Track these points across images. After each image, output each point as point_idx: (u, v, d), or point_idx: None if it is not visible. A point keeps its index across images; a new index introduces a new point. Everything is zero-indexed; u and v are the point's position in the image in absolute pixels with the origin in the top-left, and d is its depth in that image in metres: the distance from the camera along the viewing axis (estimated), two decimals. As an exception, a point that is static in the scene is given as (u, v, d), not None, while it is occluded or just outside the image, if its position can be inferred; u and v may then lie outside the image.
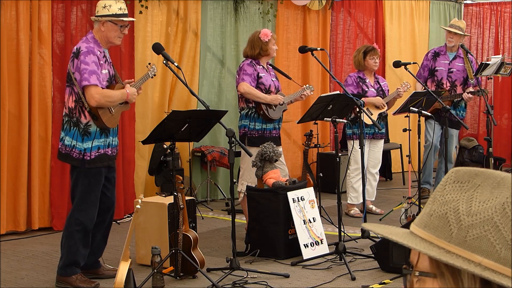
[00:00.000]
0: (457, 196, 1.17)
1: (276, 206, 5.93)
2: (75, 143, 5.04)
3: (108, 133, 5.16)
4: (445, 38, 8.24)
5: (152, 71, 5.35)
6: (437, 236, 1.16)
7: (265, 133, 6.36)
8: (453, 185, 1.18)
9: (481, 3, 11.66)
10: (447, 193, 1.18)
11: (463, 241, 1.13)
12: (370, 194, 7.69)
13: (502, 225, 1.12)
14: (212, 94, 8.59)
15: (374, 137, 7.56)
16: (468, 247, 1.13)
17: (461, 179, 1.18)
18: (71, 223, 5.11)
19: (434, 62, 8.18)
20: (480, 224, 1.12)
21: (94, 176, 5.08)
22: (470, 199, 1.15)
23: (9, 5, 6.64)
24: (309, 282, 5.24)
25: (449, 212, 1.15)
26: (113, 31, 5.10)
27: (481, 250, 1.12)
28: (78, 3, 7.17)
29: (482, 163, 10.45)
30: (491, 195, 1.14)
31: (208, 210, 8.00)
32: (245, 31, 8.66)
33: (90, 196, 5.08)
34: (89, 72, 4.92)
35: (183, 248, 5.20)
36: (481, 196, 1.15)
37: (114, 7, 5.08)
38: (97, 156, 5.08)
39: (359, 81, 7.49)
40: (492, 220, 1.12)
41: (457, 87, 8.05)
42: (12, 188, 6.73)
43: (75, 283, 5.09)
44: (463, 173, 1.19)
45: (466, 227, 1.13)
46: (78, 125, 5.04)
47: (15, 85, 6.69)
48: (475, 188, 1.16)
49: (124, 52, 7.52)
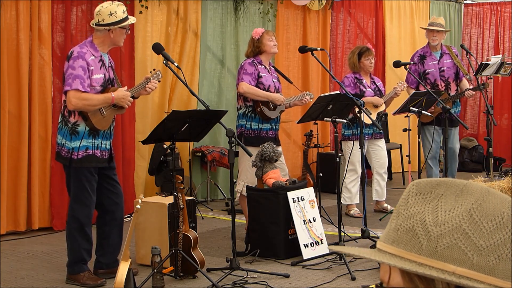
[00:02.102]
0: (421, 208, 1.15)
1: (276, 206, 5.93)
2: (64, 142, 5.12)
3: (97, 135, 5.17)
4: (427, 37, 8.05)
5: (156, 76, 5.34)
6: (407, 250, 1.14)
7: (261, 133, 6.35)
8: (416, 198, 1.17)
9: (481, 3, 11.66)
10: (411, 206, 1.16)
11: (434, 251, 1.12)
12: (380, 194, 7.71)
13: (471, 231, 1.11)
14: (212, 94, 8.59)
15: (373, 137, 7.56)
16: (439, 257, 1.11)
17: (423, 190, 1.17)
18: (69, 221, 5.25)
19: (423, 65, 8.02)
20: (449, 233, 1.11)
21: (83, 174, 5.13)
22: (435, 209, 1.14)
23: (9, 5, 6.64)
24: (309, 282, 5.24)
25: (416, 225, 1.14)
26: (121, 35, 5.19)
27: (453, 259, 1.11)
28: (79, 4, 7.17)
29: (482, 163, 10.46)
30: (455, 203, 1.13)
31: (208, 210, 8.00)
32: (245, 31, 8.66)
33: (83, 193, 5.14)
34: (73, 77, 4.99)
35: (183, 248, 5.20)
36: (446, 205, 1.14)
37: (119, 13, 5.12)
38: (84, 157, 5.11)
39: (356, 82, 7.49)
40: (461, 227, 1.11)
41: (450, 84, 7.98)
42: (12, 188, 6.73)
43: (82, 280, 5.20)
44: (424, 185, 1.17)
45: (435, 237, 1.12)
46: (67, 124, 5.12)
47: (15, 85, 6.70)
48: (439, 198, 1.15)
49: (124, 52, 7.52)
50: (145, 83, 5.28)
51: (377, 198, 7.74)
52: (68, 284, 5.25)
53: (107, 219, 5.32)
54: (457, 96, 8.00)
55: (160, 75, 5.40)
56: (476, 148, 10.88)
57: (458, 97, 8.02)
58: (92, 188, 5.17)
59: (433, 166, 7.99)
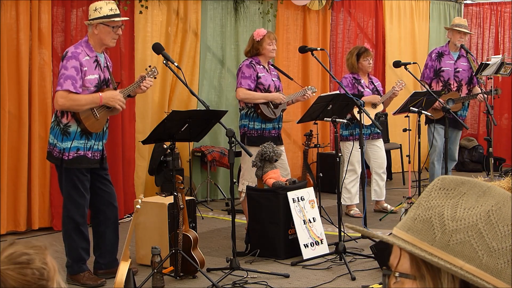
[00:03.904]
0: (442, 202, 1.17)
1: (276, 206, 5.93)
2: (56, 142, 5.12)
3: (90, 136, 5.16)
4: (452, 38, 8.00)
5: (151, 73, 5.30)
6: (420, 239, 1.17)
7: (264, 132, 6.36)
8: (439, 192, 1.19)
9: (481, 3, 11.66)
10: (433, 199, 1.19)
11: (446, 245, 1.14)
12: (379, 194, 7.71)
13: (486, 232, 1.13)
14: (212, 94, 8.59)
15: (371, 137, 7.56)
16: (450, 251, 1.14)
17: (447, 186, 1.19)
18: (64, 221, 5.27)
19: (439, 62, 8.04)
20: (464, 229, 1.13)
21: (75, 174, 5.13)
22: (455, 205, 1.16)
23: (9, 5, 6.64)
24: (309, 282, 5.24)
25: (434, 217, 1.16)
26: (106, 33, 5.10)
27: (463, 255, 1.13)
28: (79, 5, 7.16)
29: (482, 163, 10.45)
30: (476, 203, 1.15)
31: (208, 210, 8.00)
32: (245, 31, 8.66)
33: (76, 192, 5.14)
34: (65, 77, 4.98)
35: (183, 248, 5.20)
36: (466, 204, 1.16)
37: (105, 9, 5.06)
38: (75, 157, 5.11)
39: (354, 82, 7.48)
40: (476, 226, 1.13)
41: (463, 86, 7.99)
42: (12, 188, 6.73)
43: (82, 280, 5.22)
44: (449, 181, 1.20)
45: (450, 231, 1.14)
46: (59, 125, 5.12)
47: (15, 85, 6.69)
48: (461, 196, 1.17)
49: (124, 52, 7.52)
50: (140, 81, 5.25)
51: (376, 198, 7.74)
52: (68, 284, 5.26)
53: (101, 219, 5.32)
54: (468, 98, 7.98)
55: (156, 72, 5.36)
56: (476, 148, 10.88)
57: (469, 99, 8.01)
58: (84, 187, 5.17)
59: (437, 165, 8.00)
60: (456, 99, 7.87)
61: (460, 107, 7.97)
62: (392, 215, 7.43)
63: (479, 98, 7.95)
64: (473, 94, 7.98)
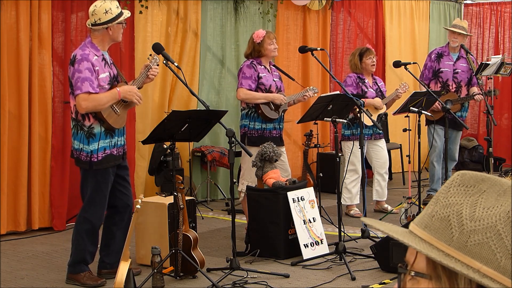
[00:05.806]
0: (461, 199, 1.14)
1: (276, 206, 5.93)
2: (82, 146, 5.12)
3: (114, 134, 5.20)
4: (448, 38, 8.10)
5: (154, 61, 5.31)
6: (437, 238, 1.14)
7: (265, 133, 6.36)
8: (458, 188, 1.16)
9: (481, 3, 11.66)
10: (451, 195, 1.15)
11: (464, 245, 1.11)
12: (381, 194, 7.71)
13: (505, 234, 1.10)
14: (212, 94, 8.59)
15: (373, 137, 7.56)
16: (468, 252, 1.11)
17: (467, 183, 1.16)
18: (80, 221, 5.23)
19: (438, 63, 8.05)
20: (483, 230, 1.10)
21: (102, 176, 5.14)
22: (475, 204, 1.13)
23: (9, 5, 6.64)
24: (309, 282, 5.24)
25: (452, 215, 1.13)
26: (119, 30, 5.19)
27: (481, 256, 1.10)
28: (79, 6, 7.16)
29: (482, 163, 10.46)
30: (496, 202, 1.12)
31: (208, 210, 8.00)
32: (245, 31, 8.66)
33: (99, 195, 5.15)
34: (82, 80, 4.98)
35: (183, 248, 5.20)
36: (486, 202, 1.12)
37: (114, 9, 5.11)
38: (104, 157, 5.13)
39: (358, 82, 7.48)
40: (495, 227, 1.10)
41: (462, 87, 7.99)
42: (12, 188, 6.73)
43: (82, 280, 5.22)
44: (469, 177, 1.16)
45: (468, 232, 1.11)
46: (83, 129, 5.11)
47: (15, 85, 6.69)
48: (480, 194, 1.14)
49: (124, 52, 7.52)
50: (146, 70, 5.28)
51: (377, 198, 7.74)
52: (68, 284, 5.26)
53: (116, 220, 5.34)
54: (466, 99, 7.98)
55: (158, 59, 5.37)
56: (476, 148, 10.87)
57: (467, 99, 8.01)
58: (107, 190, 5.20)
59: (437, 165, 8.00)
60: (454, 100, 7.88)
61: (458, 108, 7.96)
62: (392, 215, 7.43)
63: (477, 97, 7.95)
64: (470, 95, 7.98)
